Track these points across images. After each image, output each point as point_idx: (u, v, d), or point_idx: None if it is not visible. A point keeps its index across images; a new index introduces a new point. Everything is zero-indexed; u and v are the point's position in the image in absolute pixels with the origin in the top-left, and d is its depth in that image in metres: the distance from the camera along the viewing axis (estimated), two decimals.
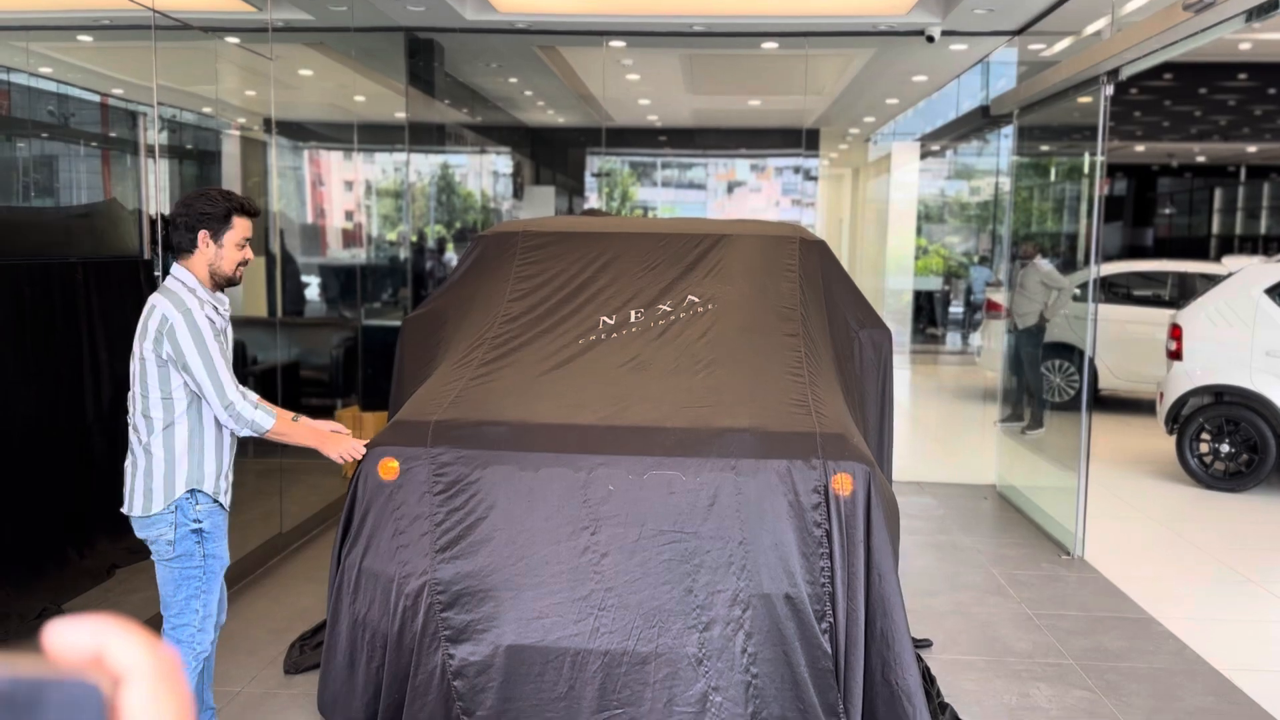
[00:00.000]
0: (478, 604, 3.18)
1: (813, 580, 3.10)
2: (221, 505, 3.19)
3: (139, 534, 3.13)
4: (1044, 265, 8.52)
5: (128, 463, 3.13)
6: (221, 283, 3.19)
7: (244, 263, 3.19)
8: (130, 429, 3.12)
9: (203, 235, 3.10)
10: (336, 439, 3.30)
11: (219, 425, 3.12)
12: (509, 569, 3.18)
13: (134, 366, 3.07)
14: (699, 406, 3.47)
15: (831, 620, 3.11)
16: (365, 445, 3.37)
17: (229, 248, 3.13)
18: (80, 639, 0.43)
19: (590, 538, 3.16)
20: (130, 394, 3.10)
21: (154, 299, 3.06)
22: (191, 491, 3.09)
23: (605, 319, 4.01)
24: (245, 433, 3.11)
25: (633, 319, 4.02)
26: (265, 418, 3.11)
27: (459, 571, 3.20)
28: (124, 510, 3.14)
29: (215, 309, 3.15)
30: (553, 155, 14.77)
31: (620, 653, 3.10)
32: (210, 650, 3.23)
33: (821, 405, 3.57)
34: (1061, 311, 8.57)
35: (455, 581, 3.20)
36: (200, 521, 3.11)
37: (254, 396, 3.19)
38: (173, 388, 3.04)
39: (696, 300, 4.08)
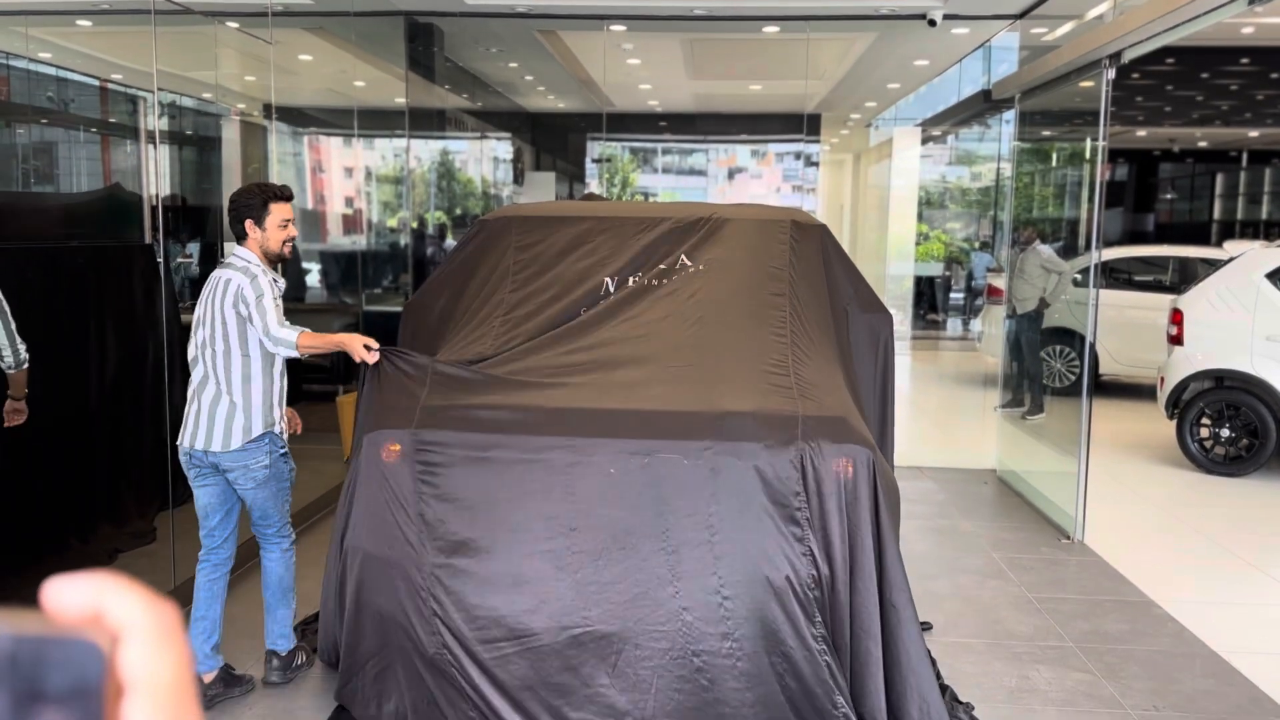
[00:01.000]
0: (475, 584, 3.20)
1: (797, 566, 3.11)
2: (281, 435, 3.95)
3: (226, 463, 3.77)
4: (1044, 250, 8.52)
5: (203, 407, 3.75)
6: (274, 259, 3.84)
7: (290, 240, 3.85)
8: (209, 379, 3.76)
9: (248, 223, 3.78)
10: (356, 337, 3.78)
11: (279, 378, 3.87)
12: (499, 545, 3.21)
13: (213, 328, 3.74)
14: (695, 386, 3.48)
15: (825, 609, 3.12)
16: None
17: (272, 229, 3.79)
18: (79, 597, 0.43)
19: (570, 531, 3.19)
20: (206, 350, 3.76)
21: (223, 273, 3.76)
22: (266, 430, 3.81)
23: (593, 306, 4.02)
24: (284, 352, 3.72)
25: (626, 316, 4.02)
26: (290, 333, 3.69)
27: (453, 551, 3.23)
28: (202, 446, 3.74)
29: (273, 282, 3.80)
30: (553, 141, 14.74)
31: (612, 635, 3.13)
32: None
33: (822, 389, 3.57)
34: (1062, 296, 8.56)
35: (451, 560, 3.22)
36: (283, 447, 3.92)
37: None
38: (250, 346, 3.74)
39: (691, 291, 4.09)
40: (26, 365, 3.77)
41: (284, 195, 3.83)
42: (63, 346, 4.31)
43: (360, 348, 3.70)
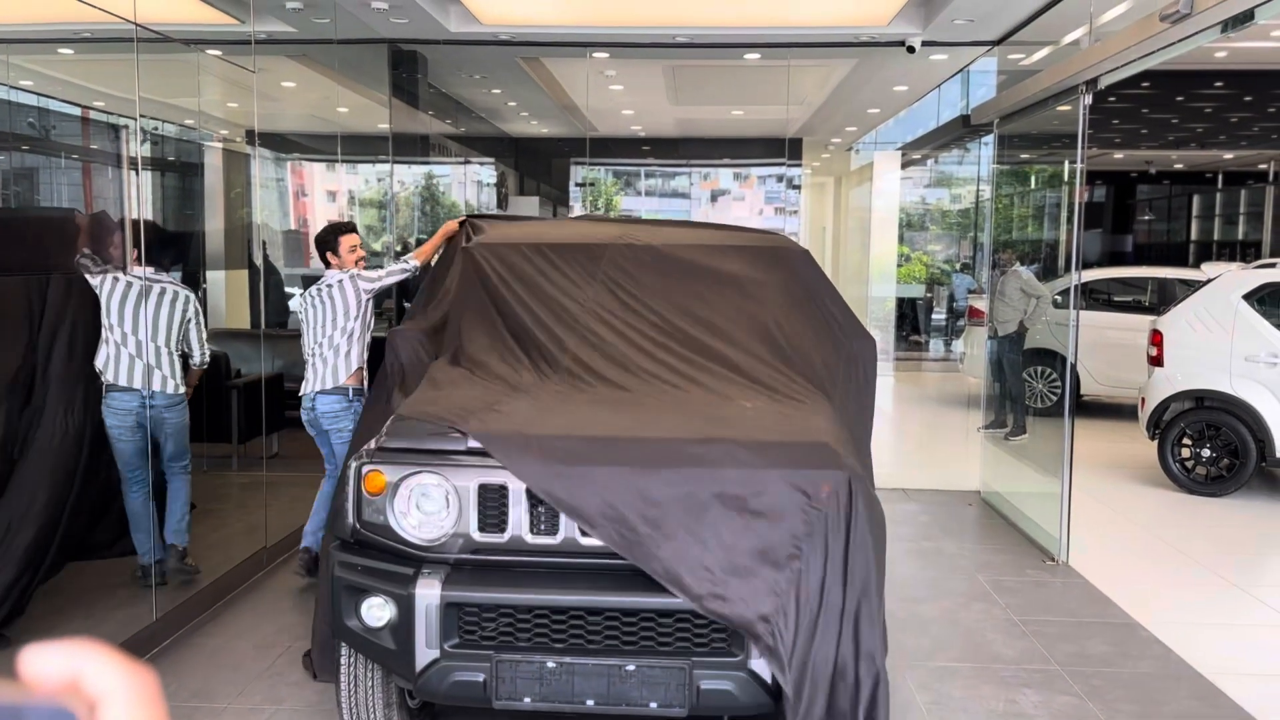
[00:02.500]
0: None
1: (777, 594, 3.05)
2: None
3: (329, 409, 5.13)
4: (1024, 273, 8.59)
5: (324, 372, 5.11)
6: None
7: (361, 259, 5.28)
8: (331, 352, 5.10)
9: (329, 255, 5.24)
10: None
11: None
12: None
13: (338, 320, 5.13)
14: (690, 415, 3.49)
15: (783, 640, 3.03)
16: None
17: (344, 254, 5.23)
18: (56, 664, 0.43)
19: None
20: (326, 334, 5.11)
21: (336, 275, 5.18)
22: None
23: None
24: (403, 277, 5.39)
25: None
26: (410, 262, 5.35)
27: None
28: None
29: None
30: (536, 165, 14.78)
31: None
32: None
33: (806, 414, 3.58)
34: (1042, 318, 8.63)
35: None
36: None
37: None
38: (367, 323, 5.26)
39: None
40: (206, 366, 5.04)
41: (346, 229, 5.30)
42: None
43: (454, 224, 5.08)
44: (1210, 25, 4.64)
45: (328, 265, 5.26)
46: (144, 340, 4.68)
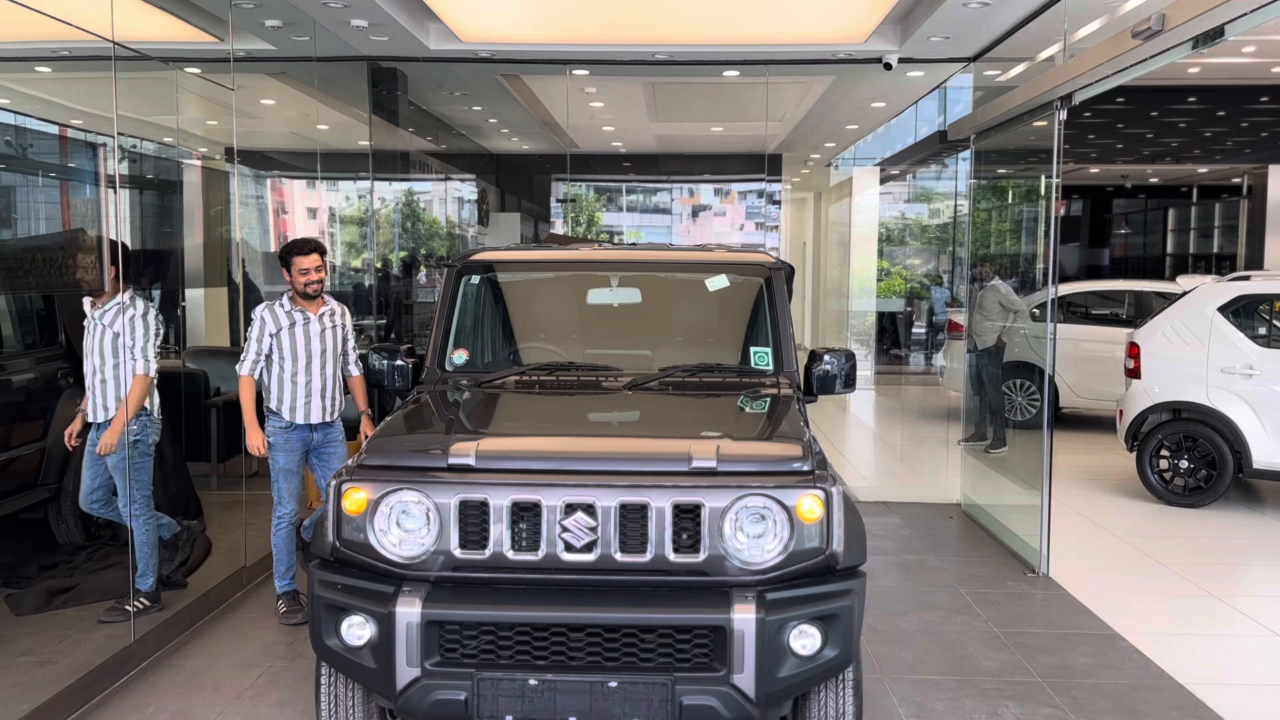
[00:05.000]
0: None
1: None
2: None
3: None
4: (1002, 287, 8.65)
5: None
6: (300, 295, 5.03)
7: (315, 284, 4.96)
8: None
9: (284, 272, 5.03)
10: (253, 434, 4.93)
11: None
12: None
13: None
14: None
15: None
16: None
17: (295, 275, 4.96)
18: None
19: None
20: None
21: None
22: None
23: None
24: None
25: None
26: (242, 369, 5.01)
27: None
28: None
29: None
30: (517, 182, 14.80)
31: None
32: None
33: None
34: (1021, 331, 8.69)
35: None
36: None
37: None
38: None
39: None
40: (150, 376, 4.78)
41: (300, 250, 4.95)
42: None
43: (259, 444, 4.91)
44: (1181, 42, 4.71)
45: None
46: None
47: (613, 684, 2.99)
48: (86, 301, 4.67)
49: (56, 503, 5.18)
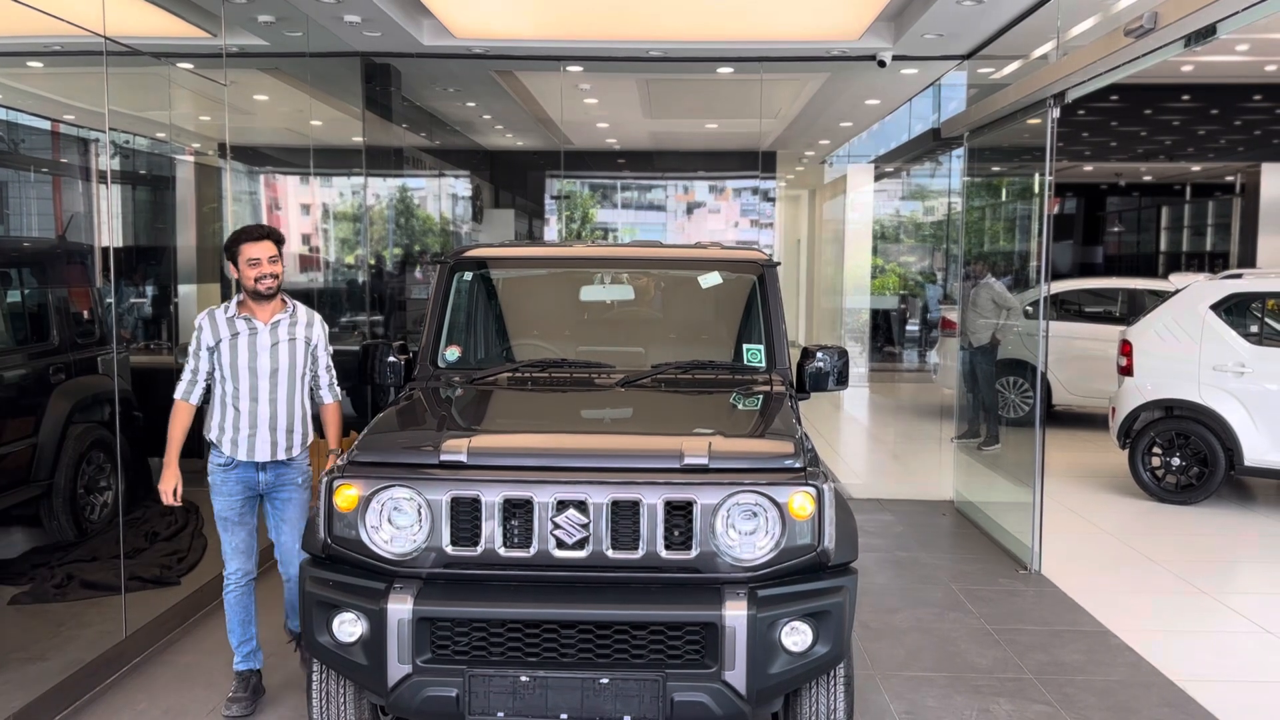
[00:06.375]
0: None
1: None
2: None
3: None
4: (996, 285, 8.66)
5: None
6: (250, 294, 4.08)
7: (267, 278, 4.01)
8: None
9: (230, 267, 4.09)
10: (169, 477, 4.06)
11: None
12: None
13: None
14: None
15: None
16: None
17: (243, 267, 4.03)
18: None
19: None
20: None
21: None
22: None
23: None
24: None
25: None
26: (177, 392, 4.11)
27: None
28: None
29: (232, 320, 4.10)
30: (512, 178, 14.78)
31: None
32: None
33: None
34: (1015, 329, 8.70)
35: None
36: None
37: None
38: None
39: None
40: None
41: (253, 235, 4.06)
42: None
43: (169, 490, 4.04)
44: (1173, 40, 4.72)
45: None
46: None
47: (604, 681, 3.00)
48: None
49: (48, 499, 5.17)
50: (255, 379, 4.04)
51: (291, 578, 4.18)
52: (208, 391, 4.11)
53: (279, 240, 4.08)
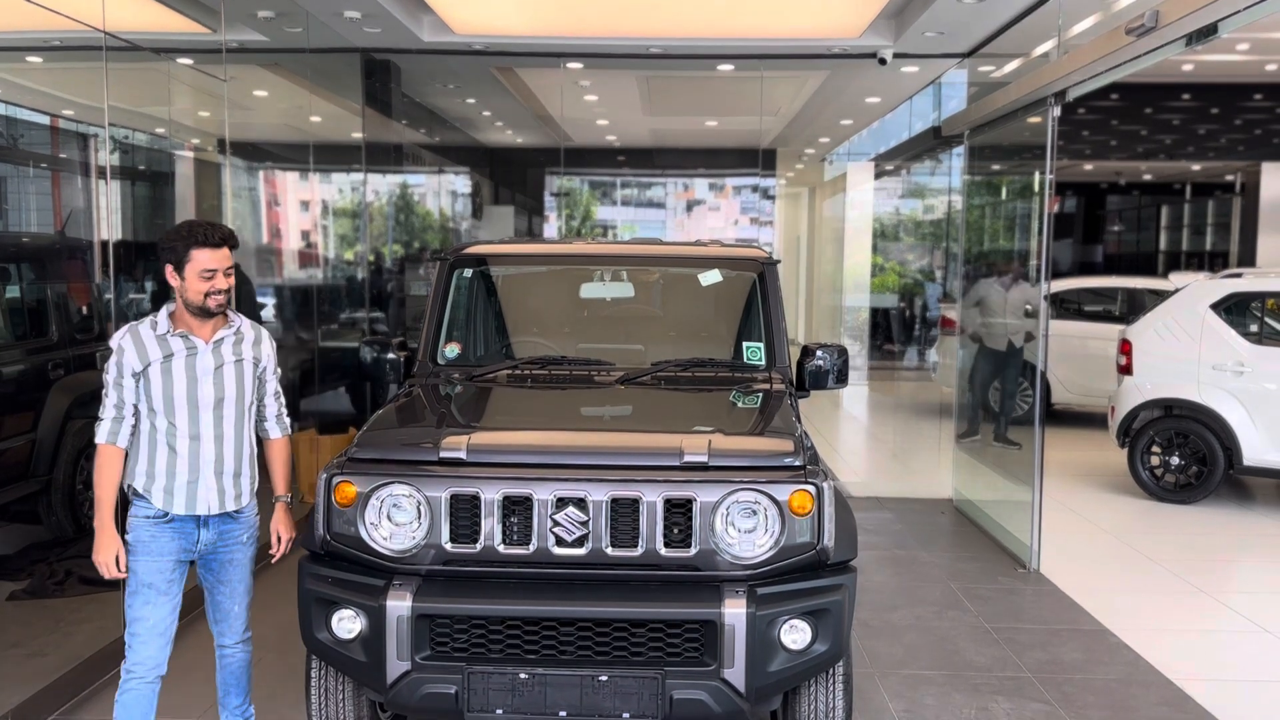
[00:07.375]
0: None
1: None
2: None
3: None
4: (1030, 288, 8.58)
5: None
6: (195, 311, 3.30)
7: (217, 294, 3.24)
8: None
9: (169, 271, 3.27)
10: (107, 544, 3.26)
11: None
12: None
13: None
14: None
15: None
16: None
17: (189, 277, 3.22)
18: None
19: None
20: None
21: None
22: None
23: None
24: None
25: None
26: (100, 435, 3.31)
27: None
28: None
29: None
30: (511, 175, 14.76)
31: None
32: None
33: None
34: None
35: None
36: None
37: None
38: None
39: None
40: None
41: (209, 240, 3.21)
42: None
43: (109, 561, 3.23)
44: (1175, 39, 4.71)
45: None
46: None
47: (603, 678, 3.00)
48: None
49: (46, 495, 5.17)
50: (196, 411, 3.24)
51: (231, 646, 3.51)
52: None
53: (234, 245, 3.30)
